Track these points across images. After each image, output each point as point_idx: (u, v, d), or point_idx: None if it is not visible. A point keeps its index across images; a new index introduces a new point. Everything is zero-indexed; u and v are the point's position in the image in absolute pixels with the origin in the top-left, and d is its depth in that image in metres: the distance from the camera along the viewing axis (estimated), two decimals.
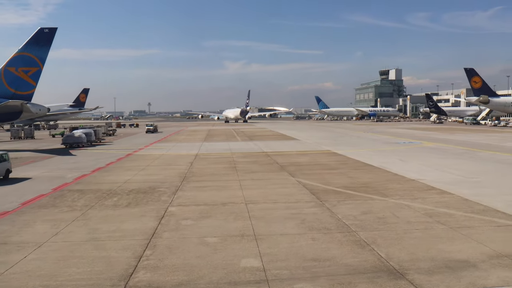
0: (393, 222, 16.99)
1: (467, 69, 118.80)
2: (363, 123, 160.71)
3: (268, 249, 13.92)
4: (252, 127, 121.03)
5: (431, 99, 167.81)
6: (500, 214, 18.08)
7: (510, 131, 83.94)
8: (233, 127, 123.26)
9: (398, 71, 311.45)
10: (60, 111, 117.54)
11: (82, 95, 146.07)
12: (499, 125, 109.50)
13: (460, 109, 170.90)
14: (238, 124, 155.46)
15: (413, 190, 23.53)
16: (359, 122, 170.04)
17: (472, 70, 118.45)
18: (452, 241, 14.54)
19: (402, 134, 77.57)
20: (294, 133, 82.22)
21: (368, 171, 30.76)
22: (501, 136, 68.06)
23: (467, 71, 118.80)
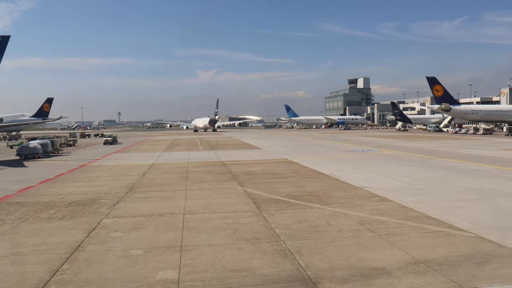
0: (325, 230, 17.04)
1: (429, 77, 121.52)
2: (330, 131, 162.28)
3: (190, 260, 13.75)
4: (219, 136, 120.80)
5: (397, 107, 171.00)
6: (431, 220, 18.34)
7: (469, 138, 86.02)
8: (199, 136, 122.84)
9: (366, 80, 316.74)
10: (22, 121, 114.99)
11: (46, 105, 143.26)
12: (460, 132, 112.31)
13: (425, 117, 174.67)
14: (206, 133, 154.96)
15: (355, 198, 23.73)
16: (327, 130, 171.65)
17: (434, 78, 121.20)
18: (375, 248, 14.64)
19: (364, 142, 78.59)
20: (258, 142, 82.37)
21: (318, 180, 30.92)
22: (458, 143, 69.65)
23: (429, 80, 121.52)
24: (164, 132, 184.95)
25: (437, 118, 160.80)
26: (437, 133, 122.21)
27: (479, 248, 14.46)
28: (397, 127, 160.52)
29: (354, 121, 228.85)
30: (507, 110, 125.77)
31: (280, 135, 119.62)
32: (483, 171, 33.74)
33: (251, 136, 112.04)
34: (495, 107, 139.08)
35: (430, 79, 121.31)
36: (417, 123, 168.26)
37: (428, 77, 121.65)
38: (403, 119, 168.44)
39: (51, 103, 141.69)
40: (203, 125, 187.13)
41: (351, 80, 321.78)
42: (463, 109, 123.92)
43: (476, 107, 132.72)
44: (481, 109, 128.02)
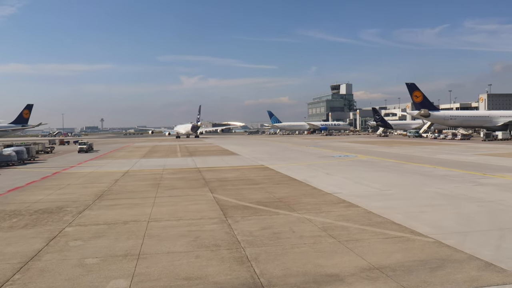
0: (286, 237, 16.99)
1: (409, 84, 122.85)
2: (312, 137, 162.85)
3: (145, 268, 13.58)
4: (200, 142, 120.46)
5: (378, 113, 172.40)
6: (394, 226, 18.43)
7: (446, 144, 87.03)
8: (180, 142, 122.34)
9: (349, 86, 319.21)
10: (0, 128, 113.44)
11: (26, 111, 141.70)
12: (439, 138, 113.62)
13: (405, 123, 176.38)
14: (188, 139, 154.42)
15: (323, 204, 23.75)
16: (309, 136, 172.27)
17: (413, 85, 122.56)
18: (333, 255, 14.63)
19: (343, 147, 79.01)
20: (238, 148, 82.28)
21: (289, 186, 30.91)
22: (435, 149, 70.39)
23: (408, 86, 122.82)
24: (146, 138, 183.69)
25: (418, 124, 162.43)
26: (417, 138, 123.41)
27: (435, 253, 14.54)
28: (378, 132, 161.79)
29: (337, 127, 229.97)
30: (484, 116, 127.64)
31: (261, 141, 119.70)
32: (454, 176, 34.08)
33: (232, 143, 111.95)
34: (473, 112, 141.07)
35: (409, 86, 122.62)
36: (398, 128, 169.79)
37: (407, 84, 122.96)
38: (384, 124, 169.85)
39: (30, 110, 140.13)
40: (185, 131, 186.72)
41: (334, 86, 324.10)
42: (442, 115, 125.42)
43: (455, 113, 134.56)
44: (460, 115, 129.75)
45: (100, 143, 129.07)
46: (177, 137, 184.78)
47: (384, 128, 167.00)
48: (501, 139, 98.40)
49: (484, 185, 29.44)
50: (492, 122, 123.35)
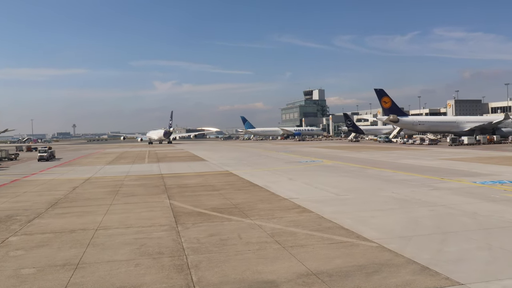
0: (233, 243, 16.90)
1: (377, 89, 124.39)
2: (285, 142, 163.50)
3: (81, 278, 13.30)
4: (171, 148, 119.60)
5: (349, 119, 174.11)
6: (342, 231, 18.53)
7: (414, 149, 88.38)
8: (151, 148, 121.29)
9: (321, 91, 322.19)
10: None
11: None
12: (407, 143, 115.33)
13: (377, 128, 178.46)
14: (160, 145, 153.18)
15: (277, 209, 23.76)
16: (282, 142, 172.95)
17: (382, 90, 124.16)
18: (275, 261, 14.60)
19: (312, 153, 79.47)
20: (207, 154, 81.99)
21: (249, 192, 30.87)
22: (401, 154, 71.42)
23: (377, 92, 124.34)
24: (117, 144, 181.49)
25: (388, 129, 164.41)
26: (387, 143, 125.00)
27: (376, 258, 14.65)
28: (349, 138, 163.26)
29: (310, 132, 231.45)
30: (452, 121, 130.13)
31: (233, 147, 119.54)
32: (412, 181, 34.57)
33: (203, 148, 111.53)
34: (441, 118, 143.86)
35: (378, 91, 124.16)
36: (369, 133, 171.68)
37: (376, 89, 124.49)
38: (355, 130, 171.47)
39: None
40: (157, 137, 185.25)
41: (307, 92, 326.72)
42: (410, 120, 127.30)
43: (423, 119, 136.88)
44: (427, 120, 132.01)
45: (70, 150, 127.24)
46: (149, 143, 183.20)
47: (355, 133, 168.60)
48: (467, 144, 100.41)
49: (440, 189, 29.93)
50: (459, 127, 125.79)
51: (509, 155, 64.58)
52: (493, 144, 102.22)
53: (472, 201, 25.12)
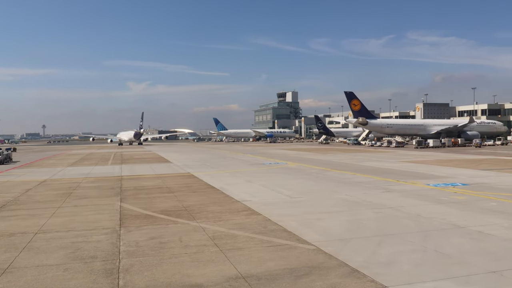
0: (171, 247, 16.71)
1: (347, 92, 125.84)
2: (256, 144, 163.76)
3: (6, 283, 12.92)
4: (140, 150, 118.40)
5: (320, 121, 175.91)
6: (285, 233, 18.53)
7: (380, 151, 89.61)
8: (119, 150, 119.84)
9: (295, 94, 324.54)
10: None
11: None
12: (375, 145, 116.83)
13: (347, 130, 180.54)
14: (130, 147, 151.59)
15: (227, 212, 23.66)
16: (253, 144, 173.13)
17: (352, 93, 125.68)
18: (208, 264, 14.48)
19: (279, 155, 79.74)
20: (174, 156, 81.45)
21: (203, 194, 30.68)
22: (366, 156, 72.26)
23: (347, 95, 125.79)
24: (86, 146, 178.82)
25: (359, 132, 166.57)
26: (356, 146, 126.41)
27: (309, 261, 14.67)
28: (320, 140, 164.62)
29: (282, 134, 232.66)
30: (419, 124, 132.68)
31: (202, 149, 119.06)
32: (369, 183, 34.94)
33: (172, 150, 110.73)
34: (409, 121, 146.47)
35: (348, 94, 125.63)
36: (340, 136, 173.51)
37: (346, 92, 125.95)
38: (326, 132, 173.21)
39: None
40: (128, 138, 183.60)
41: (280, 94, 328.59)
42: (379, 123, 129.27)
43: (391, 121, 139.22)
44: (396, 123, 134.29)
45: (36, 151, 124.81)
46: (119, 144, 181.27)
47: (326, 135, 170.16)
48: (432, 147, 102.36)
49: (392, 191, 30.32)
50: (426, 130, 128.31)
51: (469, 158, 66.04)
52: (457, 147, 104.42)
53: (419, 203, 25.52)
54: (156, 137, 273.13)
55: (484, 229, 18.83)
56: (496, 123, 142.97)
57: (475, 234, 18.01)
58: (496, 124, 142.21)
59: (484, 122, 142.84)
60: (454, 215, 21.86)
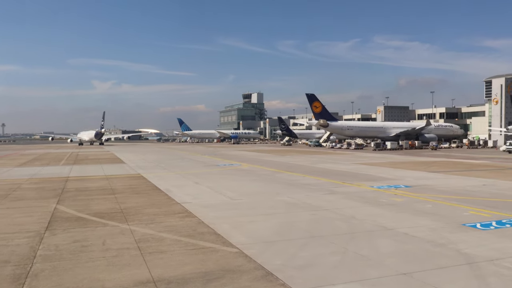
0: (91, 250, 16.28)
1: (309, 94, 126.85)
2: (219, 145, 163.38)
3: None
4: (98, 150, 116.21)
5: (283, 122, 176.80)
6: (213, 236, 18.35)
7: (339, 153, 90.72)
8: (77, 150, 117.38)
9: (260, 95, 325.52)
10: None
11: None
12: (335, 147, 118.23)
13: (310, 132, 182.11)
14: (89, 147, 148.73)
15: (163, 214, 23.32)
16: (216, 145, 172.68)
17: (313, 95, 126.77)
18: (123, 268, 14.14)
19: (237, 156, 79.65)
20: (130, 156, 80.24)
21: (146, 196, 30.21)
22: (322, 158, 72.95)
23: (308, 97, 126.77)
24: (44, 145, 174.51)
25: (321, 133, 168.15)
26: (317, 147, 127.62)
27: (226, 264, 14.53)
28: (282, 142, 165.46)
29: (247, 136, 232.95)
30: (379, 127, 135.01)
31: (162, 149, 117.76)
32: (315, 185, 35.16)
33: (131, 150, 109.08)
34: (369, 123, 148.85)
35: (309, 96, 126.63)
36: (303, 138, 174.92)
37: (307, 94, 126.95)
38: (289, 134, 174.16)
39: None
40: (89, 138, 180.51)
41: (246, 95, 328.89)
42: (339, 125, 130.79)
43: (352, 124, 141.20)
44: (356, 125, 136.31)
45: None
46: (80, 144, 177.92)
47: (289, 137, 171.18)
48: (390, 149, 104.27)
49: (335, 193, 30.57)
50: (386, 132, 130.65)
51: (422, 160, 67.51)
52: (414, 149, 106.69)
53: (357, 205, 25.79)
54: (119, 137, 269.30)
55: (411, 231, 19.11)
56: (453, 126, 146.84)
57: (400, 236, 18.26)
58: (453, 127, 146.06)
59: (441, 125, 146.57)
60: (387, 217, 22.16)
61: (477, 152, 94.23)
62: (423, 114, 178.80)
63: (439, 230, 19.21)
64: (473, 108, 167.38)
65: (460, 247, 16.40)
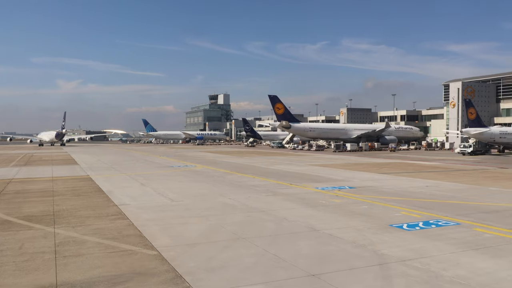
0: (5, 255, 15.77)
1: (271, 96, 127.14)
2: (183, 146, 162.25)
3: None
4: (55, 151, 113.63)
5: (247, 124, 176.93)
6: (137, 239, 18.11)
7: (298, 154, 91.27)
8: (35, 151, 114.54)
9: (226, 96, 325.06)
10: None
11: None
12: (297, 149, 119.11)
13: (275, 134, 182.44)
14: (49, 147, 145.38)
15: (94, 216, 22.91)
16: (180, 146, 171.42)
17: (275, 97, 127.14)
18: (30, 272, 13.77)
19: (195, 157, 79.26)
20: (86, 158, 78.75)
21: (86, 198, 29.66)
22: (279, 159, 73.37)
23: (271, 98, 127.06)
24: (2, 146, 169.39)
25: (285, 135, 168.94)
26: (279, 149, 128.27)
27: (140, 267, 14.35)
28: (246, 143, 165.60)
29: (213, 137, 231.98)
30: (340, 128, 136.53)
31: (122, 150, 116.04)
32: (261, 186, 35.24)
33: (90, 152, 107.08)
34: (331, 125, 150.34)
35: (272, 98, 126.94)
36: (267, 139, 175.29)
37: (270, 96, 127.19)
38: (253, 135, 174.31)
39: None
40: (49, 139, 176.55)
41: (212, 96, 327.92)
42: (302, 127, 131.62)
43: (314, 125, 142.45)
44: (318, 127, 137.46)
45: None
46: (40, 145, 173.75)
47: (253, 138, 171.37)
48: (350, 151, 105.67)
49: (277, 195, 30.69)
50: (348, 134, 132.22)
51: (377, 161, 68.62)
52: (373, 151, 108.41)
53: (294, 206, 25.95)
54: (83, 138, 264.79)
55: (337, 232, 19.32)
56: (413, 129, 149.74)
57: (325, 237, 18.42)
58: (413, 130, 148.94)
59: (402, 127, 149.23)
60: (319, 218, 22.35)
61: (433, 154, 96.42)
62: (384, 116, 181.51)
63: (365, 231, 19.48)
64: (433, 111, 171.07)
65: (379, 248, 16.66)
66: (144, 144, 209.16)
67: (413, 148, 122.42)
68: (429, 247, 16.87)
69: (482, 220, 21.97)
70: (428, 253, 16.03)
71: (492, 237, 18.58)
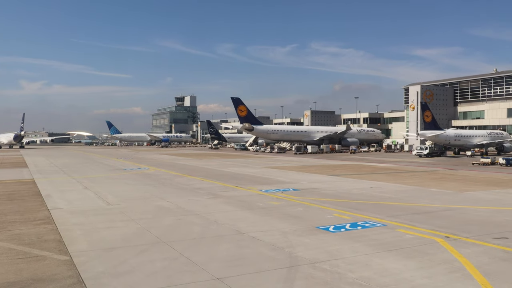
0: None
1: (234, 98, 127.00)
2: (146, 149, 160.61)
3: None
4: (9, 154, 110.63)
5: (212, 126, 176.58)
6: (53, 244, 17.71)
7: (258, 156, 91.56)
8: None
9: (193, 98, 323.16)
10: None
11: None
12: (259, 151, 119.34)
13: (240, 136, 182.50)
14: (4, 150, 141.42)
15: (21, 221, 22.32)
16: (144, 148, 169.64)
17: (238, 99, 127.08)
18: None
19: (151, 160, 78.51)
20: (40, 160, 76.98)
21: (19, 202, 28.89)
22: (237, 161, 73.36)
23: (234, 101, 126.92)
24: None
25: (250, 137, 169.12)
26: (242, 151, 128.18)
27: (44, 273, 14.01)
28: (210, 145, 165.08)
29: (179, 139, 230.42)
30: (303, 131, 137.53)
31: (80, 153, 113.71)
32: (206, 189, 35.11)
33: (46, 154, 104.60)
34: (294, 127, 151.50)
35: (234, 100, 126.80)
36: (232, 141, 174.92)
37: (233, 98, 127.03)
38: (218, 137, 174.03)
39: None
40: (7, 141, 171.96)
41: (178, 98, 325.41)
42: (264, 129, 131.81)
43: (277, 127, 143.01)
44: (281, 129, 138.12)
45: None
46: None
47: (218, 140, 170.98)
48: (310, 153, 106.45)
49: (219, 197, 30.62)
50: (310, 136, 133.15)
51: (333, 163, 69.29)
52: (333, 153, 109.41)
53: (230, 209, 25.93)
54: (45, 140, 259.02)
55: (261, 235, 19.35)
56: (375, 131, 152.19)
57: (246, 241, 18.41)
58: (375, 132, 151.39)
59: (364, 130, 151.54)
60: (249, 221, 22.37)
61: (391, 155, 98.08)
62: (348, 119, 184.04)
63: (289, 234, 19.56)
64: (394, 114, 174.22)
65: (295, 251, 16.74)
66: (108, 147, 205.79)
67: (373, 150, 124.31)
68: (345, 249, 17.05)
69: (410, 221, 22.38)
70: (342, 255, 16.19)
71: (412, 238, 18.93)
